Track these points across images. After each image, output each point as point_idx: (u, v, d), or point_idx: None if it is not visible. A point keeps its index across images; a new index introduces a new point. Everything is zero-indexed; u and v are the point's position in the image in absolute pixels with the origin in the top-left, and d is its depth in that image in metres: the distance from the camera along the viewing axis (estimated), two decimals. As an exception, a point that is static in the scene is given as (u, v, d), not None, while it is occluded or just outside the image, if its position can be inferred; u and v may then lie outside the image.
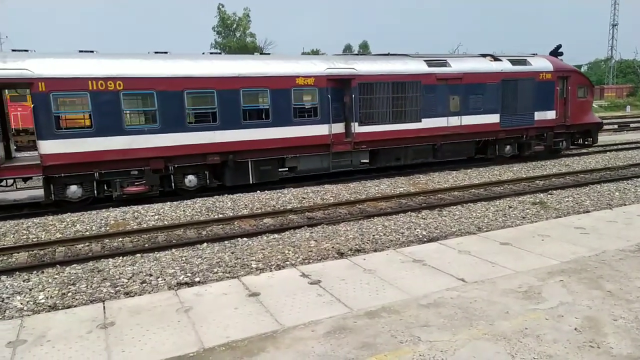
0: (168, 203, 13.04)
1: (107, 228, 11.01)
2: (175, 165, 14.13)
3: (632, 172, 16.70)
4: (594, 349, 4.80)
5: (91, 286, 7.60)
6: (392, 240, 9.67)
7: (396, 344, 5.00)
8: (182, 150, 13.97)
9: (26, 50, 13.26)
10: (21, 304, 7.01)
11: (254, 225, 11.13)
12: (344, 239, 9.69)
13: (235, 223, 11.25)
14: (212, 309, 6.04)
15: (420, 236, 9.91)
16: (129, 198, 13.62)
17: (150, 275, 8.00)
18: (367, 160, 17.38)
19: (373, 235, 9.92)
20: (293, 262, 8.44)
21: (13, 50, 13.17)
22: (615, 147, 23.18)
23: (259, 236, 10.10)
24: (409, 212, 11.75)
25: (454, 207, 12.28)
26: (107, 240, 10.15)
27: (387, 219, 11.18)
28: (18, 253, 9.50)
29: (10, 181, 13.30)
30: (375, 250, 8.91)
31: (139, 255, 9.07)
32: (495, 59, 19.29)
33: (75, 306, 6.77)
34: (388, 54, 18.32)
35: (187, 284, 7.55)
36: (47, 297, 7.21)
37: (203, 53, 16.72)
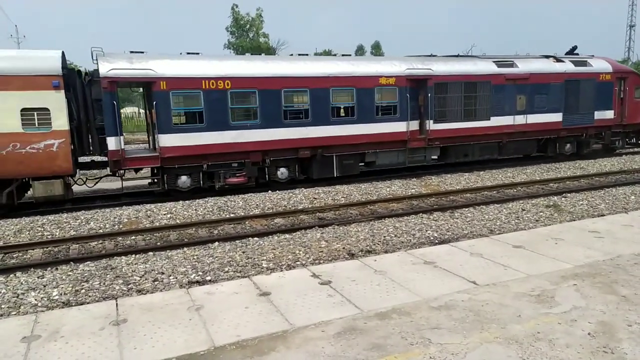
0: (180, 202, 13.14)
1: (120, 226, 11.12)
2: (271, 159, 15.35)
3: (648, 176, 16.43)
4: (607, 354, 4.73)
5: (104, 283, 7.69)
6: (403, 241, 9.64)
7: (406, 346, 4.98)
8: (278, 145, 15.17)
9: (142, 52, 14.19)
10: (35, 300, 7.11)
11: (265, 225, 11.16)
12: (355, 240, 9.68)
13: (247, 222, 11.30)
14: (222, 308, 6.07)
15: (432, 238, 9.86)
16: (230, 188, 14.81)
17: (162, 273, 8.06)
18: (436, 156, 18.37)
19: (384, 237, 9.89)
20: (304, 262, 8.45)
21: (132, 52, 14.15)
22: (631, 150, 22.84)
23: (270, 236, 10.13)
24: (421, 214, 11.69)
25: (466, 209, 12.19)
26: (120, 238, 10.26)
27: (399, 220, 11.14)
28: (33, 250, 9.64)
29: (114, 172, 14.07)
30: (386, 252, 8.88)
31: (151, 253, 9.14)
32: (558, 60, 20.01)
33: (88, 303, 6.86)
34: (458, 56, 19.29)
35: (199, 283, 7.60)
36: (61, 294, 7.30)
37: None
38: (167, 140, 13.82)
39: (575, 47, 21.86)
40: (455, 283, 6.71)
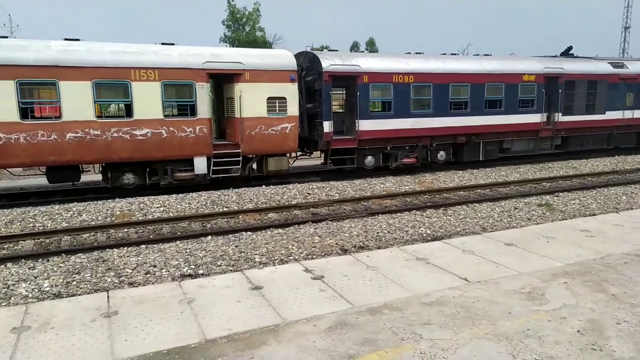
0: (174, 195, 13.09)
1: (113, 218, 11.07)
2: (436, 143, 17.81)
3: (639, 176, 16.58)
4: (596, 351, 4.78)
5: (96, 275, 7.66)
6: (396, 238, 9.66)
7: (397, 341, 5.00)
8: (443, 131, 17.64)
9: (337, 50, 16.61)
10: (26, 291, 7.07)
11: (258, 219, 11.15)
12: (348, 236, 9.69)
13: (240, 217, 11.28)
14: (214, 301, 6.07)
15: (425, 235, 9.90)
16: (402, 168, 17.28)
17: (155, 266, 8.04)
18: (552, 146, 20.69)
19: (377, 233, 9.92)
20: (296, 257, 8.46)
21: (330, 50, 16.63)
22: (623, 150, 23.00)
23: (263, 230, 10.13)
24: (414, 211, 11.72)
25: (459, 206, 12.24)
26: (112, 231, 10.21)
27: (392, 217, 11.16)
28: (24, 241, 9.58)
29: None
30: (379, 248, 8.91)
31: (143, 246, 9.12)
32: None
33: (79, 295, 6.83)
34: (576, 57, 21.56)
35: (191, 276, 7.59)
36: (52, 285, 7.27)
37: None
38: (364, 125, 16.14)
39: (570, 48, 21.99)
40: (446, 279, 6.75)
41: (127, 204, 12.10)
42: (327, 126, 15.67)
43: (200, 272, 7.80)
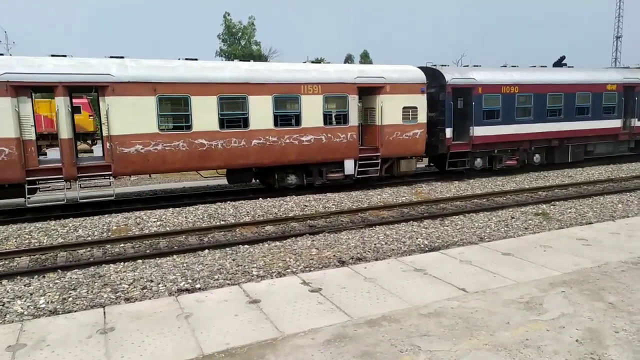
0: (170, 209, 13.07)
1: (109, 233, 11.03)
2: (534, 147, 19.91)
3: (635, 184, 16.67)
4: (595, 360, 4.76)
5: (92, 291, 7.61)
6: (394, 249, 9.65)
7: (396, 353, 4.97)
8: (541, 136, 19.74)
9: (446, 65, 18.50)
10: (22, 308, 7.01)
11: (255, 232, 11.13)
12: (346, 248, 9.68)
13: (237, 230, 11.26)
14: (212, 316, 6.03)
15: (422, 245, 9.89)
16: (505, 169, 19.41)
17: (151, 281, 8.00)
18: (627, 148, 23.00)
19: (374, 244, 9.91)
20: (294, 269, 8.44)
21: (442, 65, 18.43)
22: (618, 158, 23.14)
23: (261, 243, 10.10)
24: (411, 222, 11.73)
25: (456, 216, 12.25)
26: (108, 246, 10.17)
27: (389, 228, 11.16)
28: (20, 257, 9.52)
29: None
30: (376, 259, 8.89)
31: (140, 261, 9.07)
32: None
33: (75, 311, 6.78)
34: None
35: (188, 290, 7.55)
36: (48, 302, 7.21)
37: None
38: (478, 131, 18.15)
39: (563, 57, 22.25)
40: (445, 290, 6.73)
41: (123, 218, 12.07)
42: (449, 132, 17.71)
43: (198, 286, 7.76)
